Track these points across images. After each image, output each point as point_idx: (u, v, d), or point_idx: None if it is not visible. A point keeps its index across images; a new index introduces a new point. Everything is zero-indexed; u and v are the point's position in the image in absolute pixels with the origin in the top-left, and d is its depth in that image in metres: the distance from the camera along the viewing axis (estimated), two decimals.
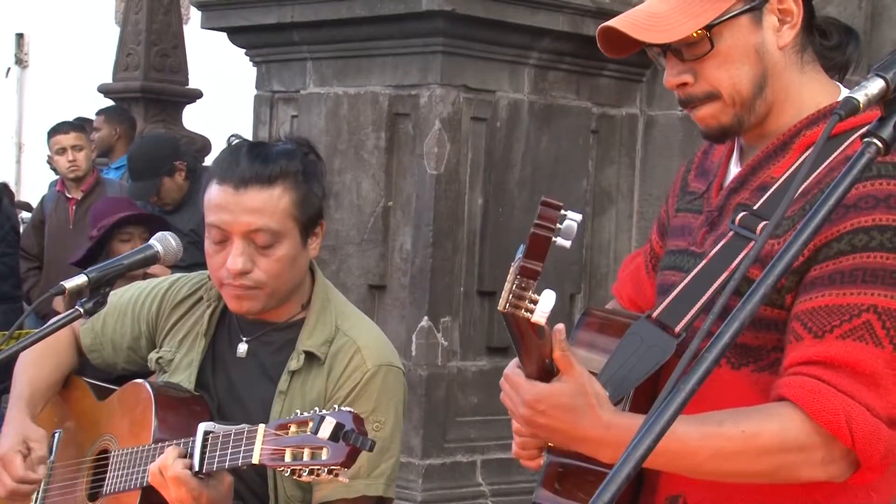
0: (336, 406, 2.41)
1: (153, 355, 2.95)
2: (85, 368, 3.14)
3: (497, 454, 5.33)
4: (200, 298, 2.93)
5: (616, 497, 1.42)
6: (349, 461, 2.31)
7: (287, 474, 2.42)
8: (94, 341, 3.01)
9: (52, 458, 2.90)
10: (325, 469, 2.33)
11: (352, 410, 2.35)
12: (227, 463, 2.44)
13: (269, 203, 2.68)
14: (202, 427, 2.50)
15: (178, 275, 3.06)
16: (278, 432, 2.38)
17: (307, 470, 2.34)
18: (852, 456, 1.88)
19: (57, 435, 2.95)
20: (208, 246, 2.74)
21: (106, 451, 2.88)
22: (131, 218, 5.26)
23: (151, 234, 4.98)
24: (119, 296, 2.93)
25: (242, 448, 2.42)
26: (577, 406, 1.89)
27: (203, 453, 2.47)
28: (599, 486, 1.42)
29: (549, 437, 1.98)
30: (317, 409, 2.40)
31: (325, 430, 2.31)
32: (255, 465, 2.40)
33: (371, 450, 2.36)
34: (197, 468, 2.46)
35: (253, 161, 2.70)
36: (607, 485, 1.44)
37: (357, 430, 2.32)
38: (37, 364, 2.97)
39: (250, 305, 2.74)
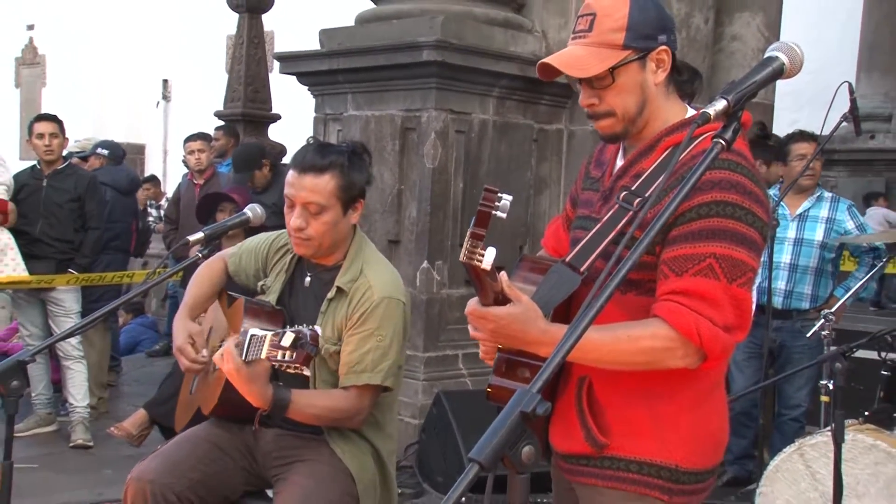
0: (310, 325, 2.39)
1: (261, 282, 2.92)
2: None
3: (473, 349, 5.29)
4: (288, 249, 2.88)
5: (550, 377, 1.39)
6: (305, 362, 2.30)
7: (276, 367, 2.40)
8: (236, 269, 2.97)
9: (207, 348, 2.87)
10: (292, 367, 2.32)
11: (314, 328, 2.33)
12: (255, 355, 2.43)
13: (319, 185, 2.63)
14: (250, 331, 2.48)
15: (279, 231, 2.97)
16: (274, 339, 2.37)
17: (286, 365, 2.33)
18: (701, 352, 1.84)
19: (210, 328, 3.01)
20: (286, 209, 2.70)
21: None
22: (223, 196, 5.35)
23: (239, 208, 4.98)
24: (250, 241, 2.96)
25: (261, 347, 2.40)
26: (526, 319, 1.84)
27: (248, 348, 2.46)
28: (533, 372, 1.38)
29: (508, 342, 1.91)
30: (301, 326, 2.38)
31: (287, 341, 2.32)
32: (263, 358, 2.39)
33: (315, 356, 2.34)
34: (243, 357, 2.45)
35: (315, 155, 2.65)
36: (545, 369, 1.40)
37: (311, 343, 2.30)
38: (198, 283, 2.96)
39: (304, 250, 2.72)
